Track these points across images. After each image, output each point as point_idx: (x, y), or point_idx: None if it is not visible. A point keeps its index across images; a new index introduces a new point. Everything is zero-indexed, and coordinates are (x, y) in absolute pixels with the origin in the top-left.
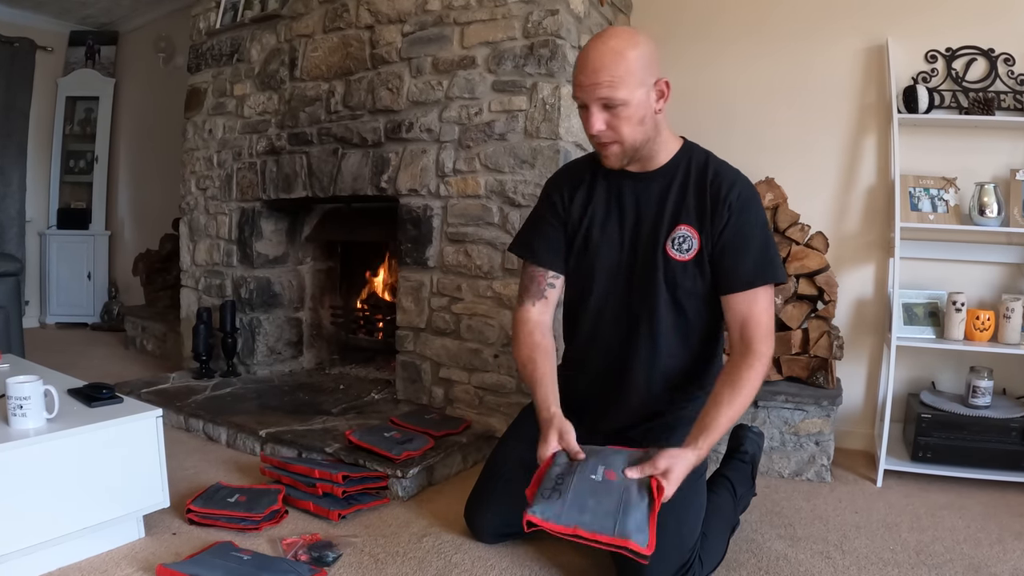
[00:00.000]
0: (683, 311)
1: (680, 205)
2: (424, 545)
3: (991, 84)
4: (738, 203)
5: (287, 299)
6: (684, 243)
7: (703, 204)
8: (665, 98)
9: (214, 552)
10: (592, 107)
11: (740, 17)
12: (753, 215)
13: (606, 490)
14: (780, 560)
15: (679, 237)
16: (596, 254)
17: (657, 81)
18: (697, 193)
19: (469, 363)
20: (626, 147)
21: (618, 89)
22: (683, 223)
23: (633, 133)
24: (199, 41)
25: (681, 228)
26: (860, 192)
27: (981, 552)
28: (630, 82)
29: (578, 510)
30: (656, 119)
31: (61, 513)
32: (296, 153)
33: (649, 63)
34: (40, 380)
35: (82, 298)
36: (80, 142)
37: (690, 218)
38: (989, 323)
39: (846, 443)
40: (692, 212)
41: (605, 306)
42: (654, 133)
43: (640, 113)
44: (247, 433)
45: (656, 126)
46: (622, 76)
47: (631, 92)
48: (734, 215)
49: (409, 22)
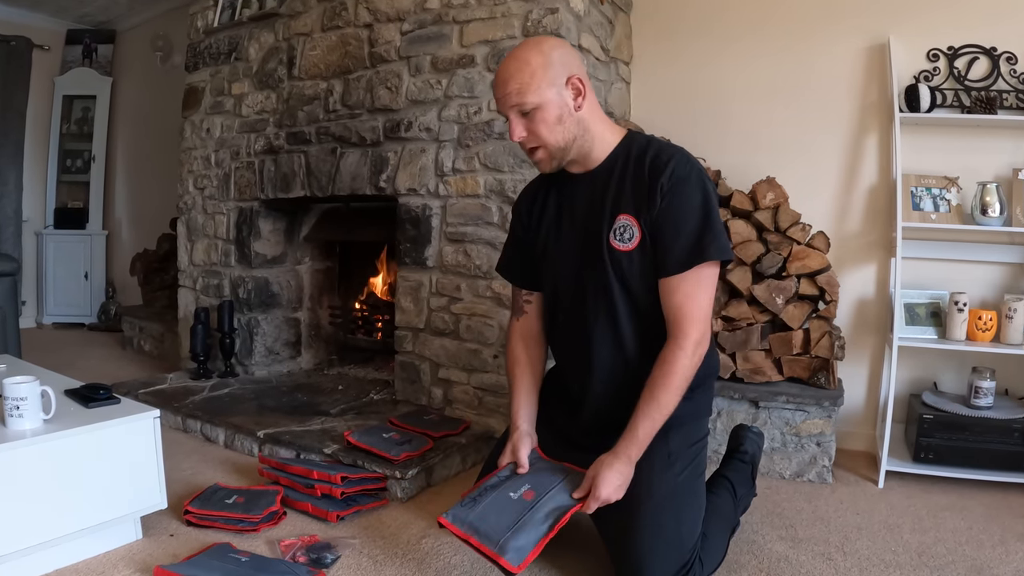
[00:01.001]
0: (637, 301)
1: (619, 196)
2: (423, 547)
3: (993, 83)
4: (670, 183)
5: (285, 299)
6: (625, 232)
7: (640, 190)
8: (582, 94)
9: (212, 554)
10: (511, 116)
11: (741, 15)
12: (688, 193)
13: (513, 508)
14: (781, 561)
15: (620, 227)
16: (555, 259)
17: (569, 79)
18: (634, 181)
19: (468, 363)
20: (551, 149)
21: (526, 95)
22: (622, 213)
23: (552, 135)
24: (197, 40)
25: (621, 218)
26: (862, 191)
27: (983, 554)
28: (538, 86)
29: (479, 520)
30: (579, 117)
31: (58, 514)
32: (294, 152)
33: (557, 64)
34: (37, 381)
35: (79, 298)
36: (77, 141)
37: (629, 207)
38: (991, 323)
39: (847, 444)
40: (630, 201)
41: (569, 306)
42: (579, 131)
43: (555, 113)
44: (245, 434)
45: (581, 123)
46: (528, 82)
47: (541, 95)
48: (666, 197)
49: (408, 20)
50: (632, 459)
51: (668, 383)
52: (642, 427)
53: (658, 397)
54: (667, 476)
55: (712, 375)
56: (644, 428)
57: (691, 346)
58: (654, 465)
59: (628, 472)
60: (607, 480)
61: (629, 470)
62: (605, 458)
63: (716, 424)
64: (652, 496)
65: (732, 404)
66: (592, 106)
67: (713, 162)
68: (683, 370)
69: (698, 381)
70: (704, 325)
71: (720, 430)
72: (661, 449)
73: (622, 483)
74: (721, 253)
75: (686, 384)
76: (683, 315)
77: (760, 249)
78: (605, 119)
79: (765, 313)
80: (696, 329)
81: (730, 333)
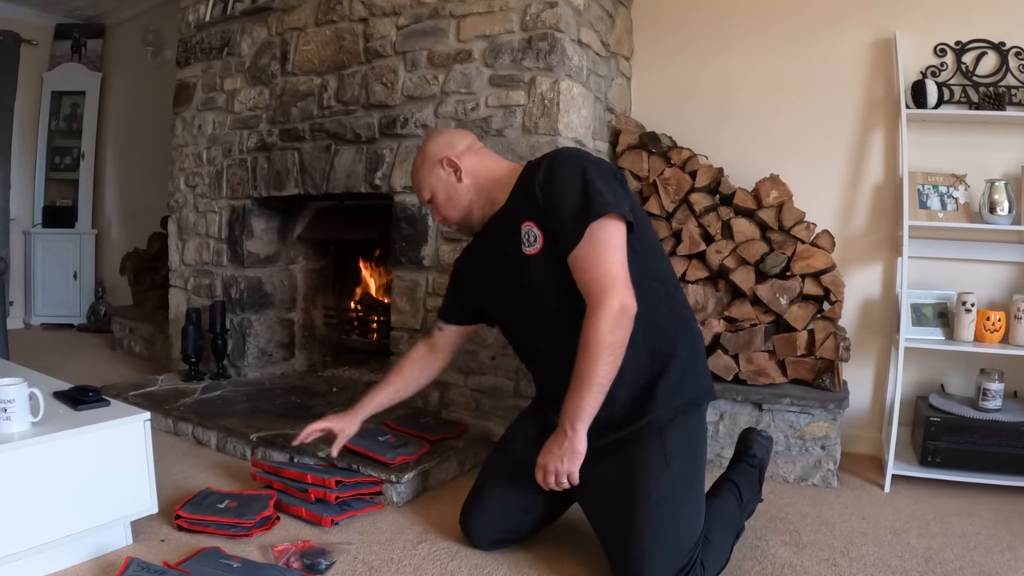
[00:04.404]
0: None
1: (519, 209)
2: (419, 552)
3: (1002, 78)
4: (545, 176)
5: (278, 299)
6: (529, 236)
7: (529, 196)
8: (456, 168)
9: (201, 559)
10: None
11: (743, 9)
12: (561, 175)
13: None
14: (785, 567)
15: (524, 233)
16: (496, 292)
17: (441, 161)
18: (525, 190)
19: (465, 365)
20: (458, 221)
21: (422, 191)
22: (524, 221)
23: (450, 211)
24: (188, 34)
25: (524, 225)
26: (867, 189)
27: (992, 559)
28: (425, 182)
29: None
30: (465, 185)
31: (46, 519)
32: (288, 149)
33: (431, 157)
34: (25, 383)
35: (68, 298)
36: (66, 138)
37: (526, 214)
38: (1000, 324)
39: (853, 447)
40: (525, 208)
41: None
42: (472, 196)
43: (443, 195)
44: (237, 437)
45: (471, 188)
46: (418, 183)
47: (429, 187)
48: (545, 188)
49: (404, 15)
50: (567, 427)
51: (585, 352)
52: (570, 400)
53: (579, 368)
54: (664, 477)
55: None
56: (571, 400)
57: (608, 313)
58: (651, 466)
59: (565, 439)
60: (544, 448)
61: (566, 437)
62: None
63: (719, 427)
64: (649, 498)
65: (735, 407)
66: (476, 171)
67: (716, 159)
68: (599, 336)
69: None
70: (622, 288)
71: (723, 433)
72: (657, 450)
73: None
74: (603, 209)
75: (610, 352)
76: (592, 287)
77: (764, 248)
78: (500, 166)
79: (769, 314)
80: (611, 295)
81: (733, 334)
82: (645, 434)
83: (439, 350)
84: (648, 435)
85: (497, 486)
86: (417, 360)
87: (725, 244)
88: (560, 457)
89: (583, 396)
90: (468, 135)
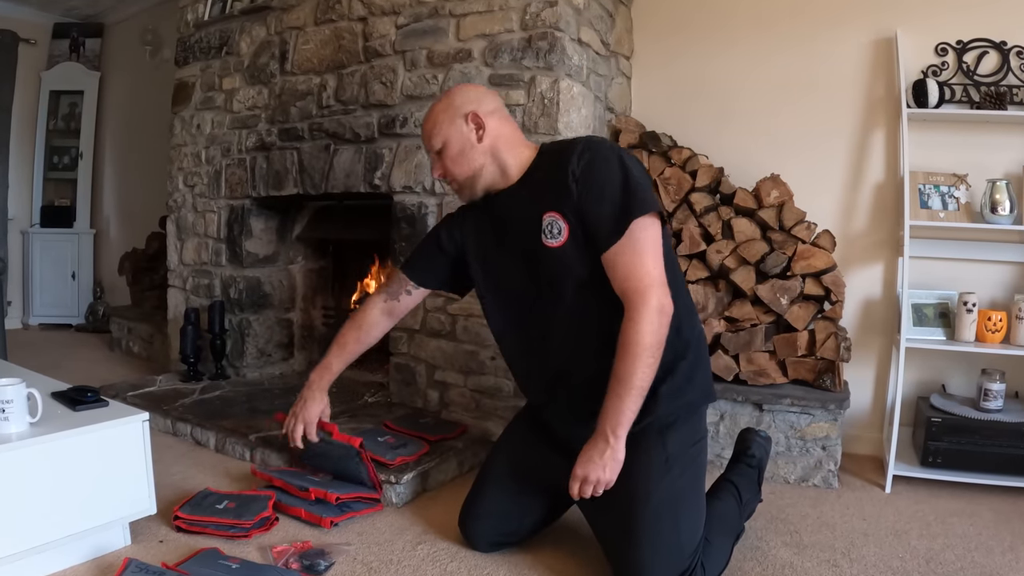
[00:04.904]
0: (587, 291)
1: (542, 198)
2: (419, 553)
3: (1003, 78)
4: (580, 167)
5: (277, 299)
6: (553, 228)
7: (556, 186)
8: (481, 126)
9: (200, 560)
10: (431, 157)
11: (744, 9)
12: (599, 167)
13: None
14: (786, 568)
15: (548, 225)
16: (497, 275)
17: (467, 115)
18: (551, 179)
19: (465, 365)
20: (461, 181)
21: (433, 138)
22: (547, 211)
23: (458, 168)
24: (187, 33)
25: (547, 216)
26: (868, 189)
27: (993, 560)
28: (441, 129)
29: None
30: (483, 147)
31: (44, 520)
32: (287, 149)
33: (457, 107)
34: (23, 383)
35: (66, 298)
36: (64, 138)
37: (551, 205)
38: (1001, 324)
39: (854, 448)
40: (551, 199)
41: (524, 316)
42: (485, 159)
43: (456, 149)
44: (236, 437)
45: (488, 152)
46: (432, 128)
47: (443, 136)
48: (579, 181)
49: (403, 14)
50: (608, 434)
51: (625, 354)
52: (610, 402)
53: (618, 371)
54: (665, 481)
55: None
56: (612, 403)
57: (648, 313)
58: (652, 470)
59: (607, 447)
60: (582, 458)
61: (608, 445)
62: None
63: (719, 428)
64: (650, 502)
65: (735, 407)
66: (499, 135)
67: (716, 159)
68: (641, 337)
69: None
70: (660, 289)
71: (723, 434)
72: (659, 453)
73: (602, 460)
74: (645, 206)
75: (651, 355)
76: (631, 285)
77: (764, 248)
78: (521, 140)
79: (769, 314)
80: (651, 295)
81: (733, 334)
82: (647, 435)
83: (397, 314)
84: (650, 436)
85: (496, 489)
86: (375, 323)
87: (725, 244)
88: (602, 466)
89: (624, 400)
90: (498, 98)
